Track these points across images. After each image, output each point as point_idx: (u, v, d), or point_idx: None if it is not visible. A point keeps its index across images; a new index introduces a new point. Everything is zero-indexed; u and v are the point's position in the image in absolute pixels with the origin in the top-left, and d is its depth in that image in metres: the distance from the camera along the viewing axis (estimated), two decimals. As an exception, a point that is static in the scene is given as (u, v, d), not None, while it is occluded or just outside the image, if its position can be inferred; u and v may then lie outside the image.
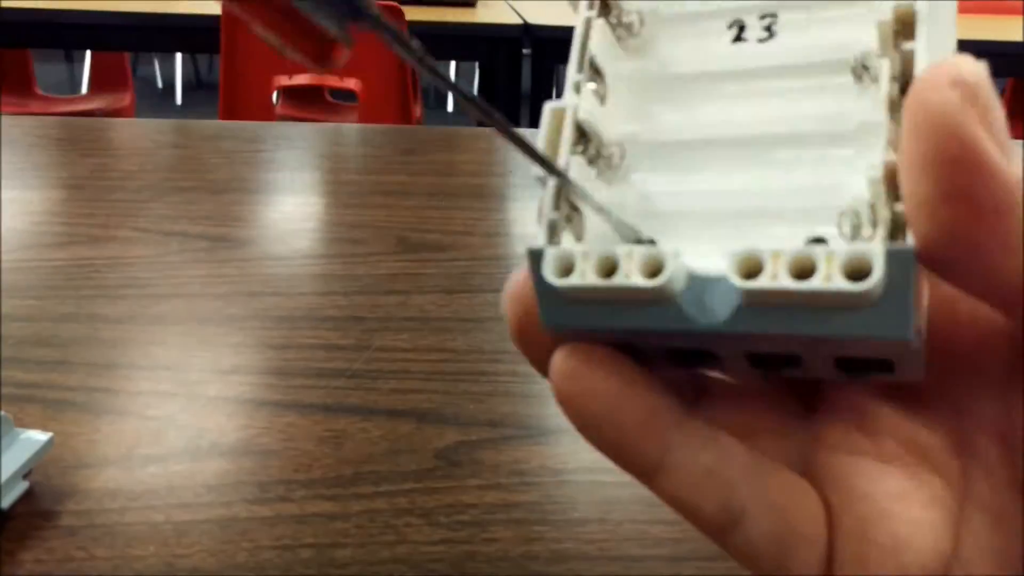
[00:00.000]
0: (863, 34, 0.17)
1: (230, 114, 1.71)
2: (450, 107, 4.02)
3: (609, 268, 0.16)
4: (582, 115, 0.18)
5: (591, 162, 0.18)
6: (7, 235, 0.59)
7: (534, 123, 1.60)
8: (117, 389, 0.43)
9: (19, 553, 0.32)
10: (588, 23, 0.19)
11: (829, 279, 0.14)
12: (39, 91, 2.47)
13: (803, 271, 0.15)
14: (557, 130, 0.18)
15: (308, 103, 2.28)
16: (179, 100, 4.15)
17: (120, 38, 1.92)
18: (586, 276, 0.16)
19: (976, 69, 0.14)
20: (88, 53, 3.06)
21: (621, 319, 0.16)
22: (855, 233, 0.15)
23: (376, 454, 0.38)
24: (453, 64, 3.99)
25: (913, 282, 0.14)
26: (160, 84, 4.32)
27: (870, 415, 0.19)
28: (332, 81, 1.95)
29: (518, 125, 1.86)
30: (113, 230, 0.61)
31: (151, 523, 0.34)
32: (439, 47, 2.15)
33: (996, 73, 0.14)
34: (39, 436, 0.35)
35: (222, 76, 1.71)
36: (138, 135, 0.86)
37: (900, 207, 0.15)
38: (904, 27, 0.16)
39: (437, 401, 0.42)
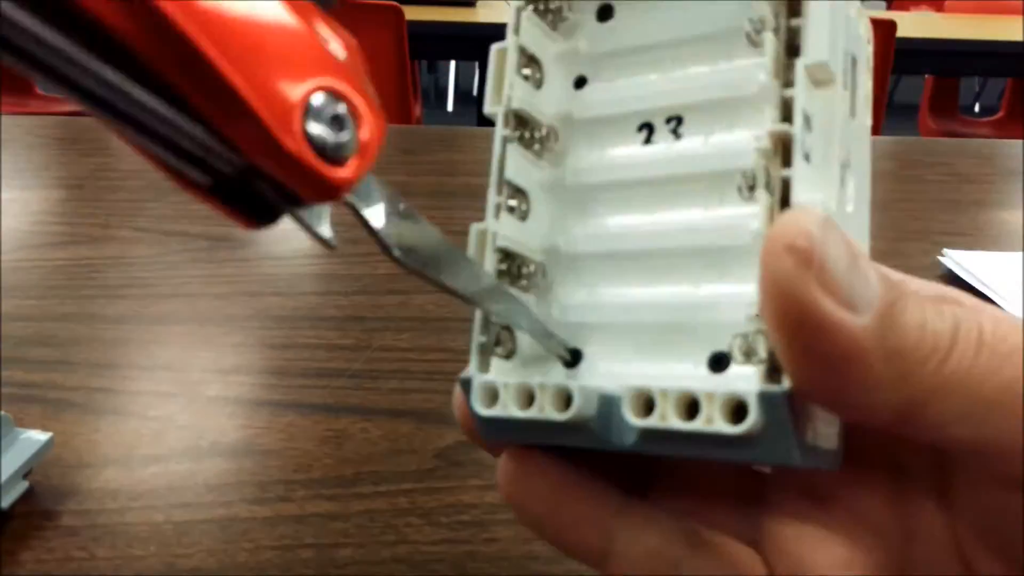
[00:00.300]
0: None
1: (230, 114, 1.70)
2: (450, 107, 4.02)
3: (527, 398, 0.18)
4: (501, 242, 0.19)
5: (515, 280, 0.20)
6: (7, 235, 0.59)
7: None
8: (117, 389, 0.43)
9: (19, 553, 0.32)
10: (504, 143, 0.20)
11: (710, 421, 0.16)
12: (39, 91, 2.47)
13: (690, 407, 0.16)
14: (482, 252, 0.20)
15: (308, 103, 2.27)
16: (179, 100, 4.15)
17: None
18: (507, 407, 0.18)
19: (809, 228, 0.14)
20: (88, 53, 3.05)
21: (545, 438, 0.18)
22: (747, 358, 0.17)
23: (376, 454, 0.38)
24: (453, 64, 3.99)
25: (789, 418, 0.15)
26: (160, 84, 4.32)
27: (817, 483, 0.19)
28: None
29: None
30: (113, 230, 0.61)
31: (151, 523, 0.34)
32: (439, 47, 2.15)
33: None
34: (39, 436, 0.35)
35: (222, 76, 1.71)
36: (138, 135, 0.85)
37: None
38: (784, 149, 0.16)
39: (437, 401, 0.42)
